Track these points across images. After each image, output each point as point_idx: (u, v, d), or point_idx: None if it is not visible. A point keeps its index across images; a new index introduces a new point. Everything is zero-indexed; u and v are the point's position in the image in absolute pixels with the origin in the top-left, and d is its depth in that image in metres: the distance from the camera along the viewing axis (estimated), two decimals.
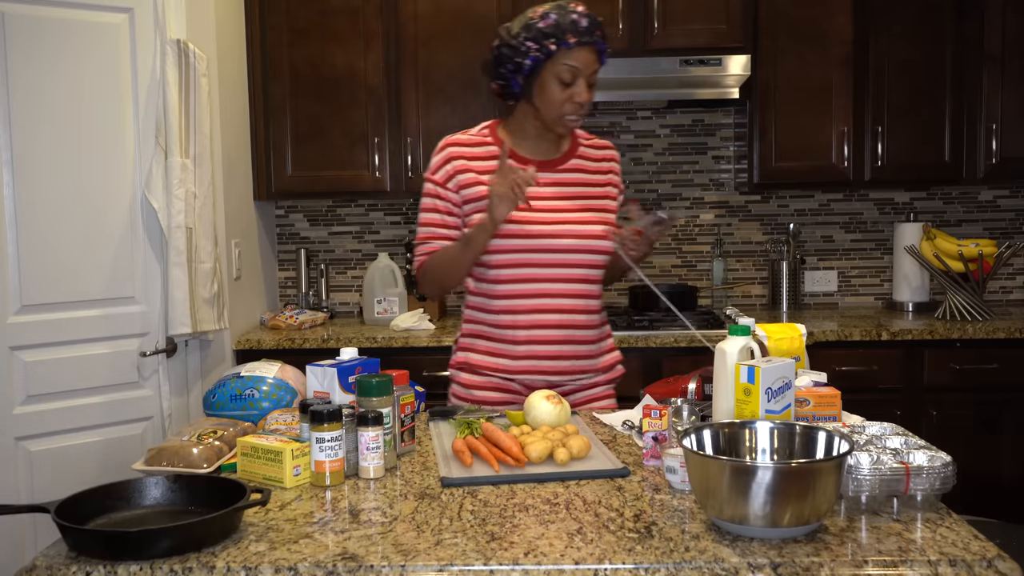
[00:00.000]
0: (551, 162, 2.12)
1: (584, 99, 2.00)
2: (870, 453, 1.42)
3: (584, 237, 2.06)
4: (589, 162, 2.16)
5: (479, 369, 2.12)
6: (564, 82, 1.98)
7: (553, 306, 2.07)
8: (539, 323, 2.07)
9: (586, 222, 2.08)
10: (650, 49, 3.48)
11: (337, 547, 1.30)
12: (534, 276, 2.06)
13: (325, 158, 3.58)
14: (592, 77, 2.02)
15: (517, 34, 1.99)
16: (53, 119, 2.71)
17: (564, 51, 1.96)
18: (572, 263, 2.07)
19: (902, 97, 3.54)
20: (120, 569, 1.24)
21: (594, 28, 1.99)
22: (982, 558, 1.21)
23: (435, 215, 2.09)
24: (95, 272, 2.80)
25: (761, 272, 3.95)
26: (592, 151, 2.19)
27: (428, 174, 2.11)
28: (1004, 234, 3.90)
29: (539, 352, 2.08)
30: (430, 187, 2.10)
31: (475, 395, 2.13)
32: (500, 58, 2.03)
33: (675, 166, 3.94)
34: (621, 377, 2.26)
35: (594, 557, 1.24)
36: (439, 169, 2.09)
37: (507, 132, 2.13)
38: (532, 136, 2.11)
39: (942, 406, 3.30)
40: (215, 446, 1.69)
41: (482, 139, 2.12)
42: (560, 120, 2.03)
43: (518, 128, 2.12)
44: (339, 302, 3.99)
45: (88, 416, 2.79)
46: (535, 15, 1.98)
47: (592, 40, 1.98)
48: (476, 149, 2.10)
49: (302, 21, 3.53)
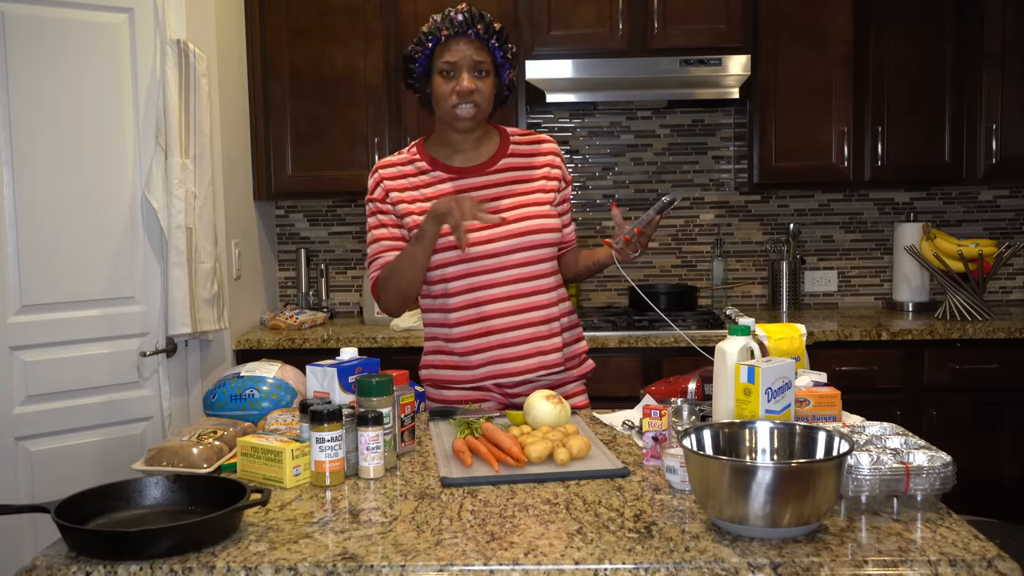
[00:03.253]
0: (478, 167, 2.13)
1: (465, 87, 2.02)
2: (870, 453, 1.42)
3: (522, 234, 2.06)
4: (520, 159, 2.16)
5: (444, 383, 2.14)
6: (445, 76, 2.04)
7: (504, 309, 2.05)
8: (492, 329, 2.06)
9: (521, 218, 2.07)
10: (650, 49, 3.48)
11: (337, 547, 1.30)
12: (479, 284, 2.05)
13: (325, 158, 3.58)
14: (478, 66, 2.03)
15: (411, 43, 2.08)
16: (53, 119, 2.71)
17: (441, 47, 2.03)
18: (514, 263, 2.06)
19: (902, 97, 3.54)
20: (120, 569, 1.24)
21: (472, 21, 2.02)
22: (982, 558, 1.21)
23: (382, 229, 2.12)
24: (95, 272, 2.80)
25: (761, 272, 3.95)
26: (524, 147, 2.18)
27: (367, 197, 2.15)
28: (1004, 234, 3.90)
29: (498, 356, 2.07)
30: (371, 207, 2.14)
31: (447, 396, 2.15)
32: (406, 71, 2.11)
33: (675, 166, 3.94)
34: (592, 372, 2.25)
35: (594, 557, 1.24)
36: (375, 189, 2.13)
37: (431, 144, 2.16)
38: (450, 142, 2.13)
39: (942, 406, 3.30)
40: (215, 446, 1.69)
41: (411, 157, 2.15)
42: (451, 113, 2.05)
43: (439, 139, 2.15)
44: (339, 302, 3.99)
45: (88, 416, 2.79)
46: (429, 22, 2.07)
47: (466, 32, 2.02)
48: (406, 167, 2.13)
49: (302, 21, 3.54)
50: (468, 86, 2.02)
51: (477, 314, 2.06)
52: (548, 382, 2.13)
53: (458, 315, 2.07)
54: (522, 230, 2.06)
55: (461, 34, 2.02)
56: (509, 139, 2.18)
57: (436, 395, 2.17)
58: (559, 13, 3.50)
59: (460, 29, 2.02)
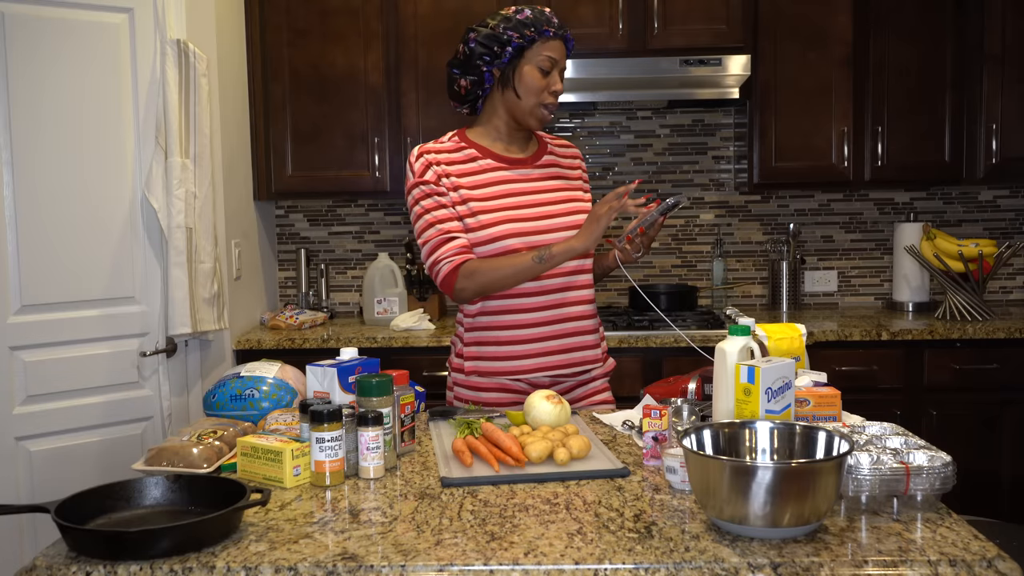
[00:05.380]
0: (527, 159, 2.16)
1: (559, 88, 2.09)
2: (870, 453, 1.42)
3: (574, 228, 2.09)
4: (558, 158, 2.22)
5: (488, 373, 2.13)
6: (543, 71, 2.06)
7: (554, 301, 2.09)
8: (542, 320, 2.09)
9: (572, 212, 2.13)
10: (650, 49, 3.48)
11: (337, 547, 1.30)
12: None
13: (325, 158, 3.58)
14: (563, 70, 2.11)
15: (496, 25, 2.06)
16: (53, 119, 2.71)
17: (543, 40, 2.06)
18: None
19: (902, 97, 3.54)
20: (120, 569, 1.24)
21: (563, 24, 2.10)
22: (982, 558, 1.21)
23: (444, 211, 2.06)
24: (95, 272, 2.80)
25: (761, 272, 3.95)
26: (560, 150, 2.25)
27: (415, 179, 2.09)
28: (1004, 234, 3.90)
29: (547, 348, 2.10)
30: (424, 189, 2.08)
31: (483, 397, 2.14)
32: (474, 51, 2.07)
33: (675, 166, 3.94)
34: (613, 370, 2.27)
35: (594, 557, 1.24)
36: (425, 172, 2.09)
37: (477, 135, 2.16)
38: (503, 136, 2.14)
39: (942, 406, 3.30)
40: (215, 446, 1.69)
41: (457, 145, 2.13)
42: (536, 110, 2.08)
43: (488, 129, 2.15)
44: (339, 302, 3.99)
45: (88, 416, 2.79)
46: (509, 11, 2.08)
47: (564, 33, 2.09)
48: (454, 154, 2.12)
49: (302, 21, 3.54)
50: (562, 88, 2.09)
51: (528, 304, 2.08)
52: (578, 382, 2.16)
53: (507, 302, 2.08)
54: (576, 224, 2.11)
55: (560, 36, 2.08)
56: (544, 140, 2.24)
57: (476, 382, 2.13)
58: (559, 13, 3.42)
59: (561, 32, 2.08)
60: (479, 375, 2.14)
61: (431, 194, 2.07)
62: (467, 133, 2.16)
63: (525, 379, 2.12)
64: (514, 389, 2.13)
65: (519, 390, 2.12)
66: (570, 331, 2.11)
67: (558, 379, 2.13)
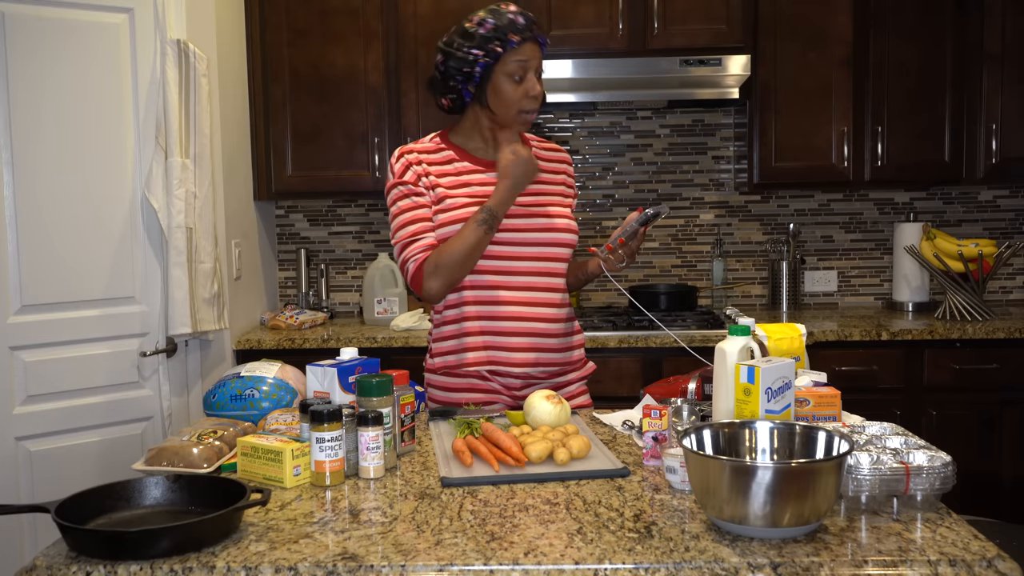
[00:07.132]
0: None
1: (537, 91, 2.05)
2: (870, 453, 1.42)
3: (548, 230, 2.09)
4: (541, 162, 2.18)
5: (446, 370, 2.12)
6: (516, 80, 2.02)
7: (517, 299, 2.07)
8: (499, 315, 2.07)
9: (548, 215, 2.11)
10: (650, 49, 3.48)
11: (337, 547, 1.30)
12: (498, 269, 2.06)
13: (325, 158, 3.58)
14: (539, 69, 2.06)
15: (460, 46, 2.02)
16: (53, 119, 2.71)
17: (510, 50, 2.01)
18: (538, 256, 2.08)
19: (902, 97, 3.54)
20: (120, 569, 1.24)
21: (531, 23, 2.04)
22: (982, 558, 1.21)
23: (420, 211, 2.07)
24: (95, 272, 2.80)
25: (761, 272, 3.95)
26: (544, 153, 2.22)
27: (394, 180, 2.09)
28: (1004, 234, 3.90)
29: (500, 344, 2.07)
30: (401, 189, 2.08)
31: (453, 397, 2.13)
32: (448, 72, 2.05)
33: (675, 166, 3.94)
34: (592, 373, 2.25)
35: (594, 557, 1.24)
36: (404, 173, 2.09)
37: (459, 138, 2.15)
38: (486, 139, 2.13)
39: (942, 406, 3.30)
40: (215, 446, 1.69)
41: (437, 146, 2.13)
42: (518, 117, 2.06)
43: (470, 134, 2.14)
44: (339, 302, 3.99)
45: (88, 416, 2.79)
46: (472, 24, 2.02)
47: (532, 35, 2.03)
48: (433, 155, 2.11)
49: (302, 21, 3.54)
50: (541, 90, 2.05)
51: (491, 297, 2.07)
52: (551, 384, 2.14)
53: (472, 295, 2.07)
54: (548, 226, 2.09)
55: (529, 38, 2.02)
56: (530, 143, 2.21)
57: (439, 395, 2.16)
58: (559, 13, 3.49)
59: (528, 34, 2.02)
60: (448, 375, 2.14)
61: (409, 194, 2.08)
62: (449, 135, 2.16)
63: (496, 379, 2.11)
64: (484, 389, 2.11)
65: (489, 389, 2.11)
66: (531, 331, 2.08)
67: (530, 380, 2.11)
